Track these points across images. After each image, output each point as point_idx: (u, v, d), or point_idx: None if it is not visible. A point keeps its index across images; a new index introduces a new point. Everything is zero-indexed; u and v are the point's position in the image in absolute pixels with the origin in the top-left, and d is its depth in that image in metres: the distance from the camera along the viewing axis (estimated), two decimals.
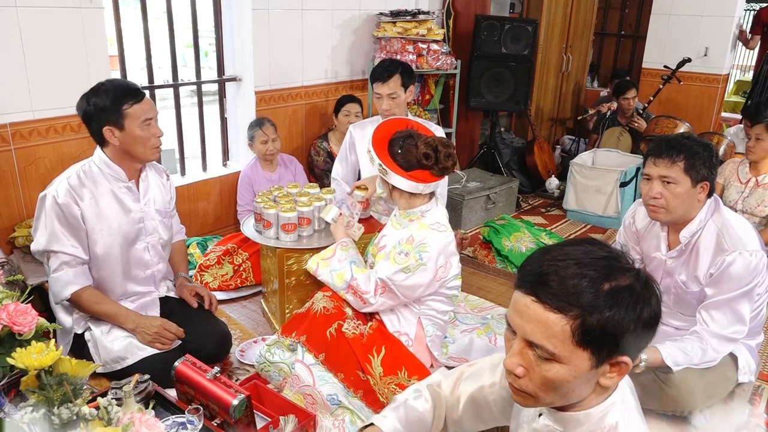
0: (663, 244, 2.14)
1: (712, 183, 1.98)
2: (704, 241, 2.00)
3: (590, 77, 6.20)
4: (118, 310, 2.14)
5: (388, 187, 2.14)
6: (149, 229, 2.23)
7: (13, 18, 2.53)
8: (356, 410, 2.00)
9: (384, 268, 2.07)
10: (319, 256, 2.24)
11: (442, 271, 2.12)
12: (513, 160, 4.99)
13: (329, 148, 3.84)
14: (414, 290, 2.09)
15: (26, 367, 1.22)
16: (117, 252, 2.15)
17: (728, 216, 2.02)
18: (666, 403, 2.05)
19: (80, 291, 2.07)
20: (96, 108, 2.01)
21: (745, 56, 8.28)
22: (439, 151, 2.05)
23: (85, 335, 2.15)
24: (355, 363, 2.00)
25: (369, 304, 2.11)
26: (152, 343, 2.12)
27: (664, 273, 2.16)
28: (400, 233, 2.13)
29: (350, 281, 2.11)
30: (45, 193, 2.04)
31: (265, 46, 3.58)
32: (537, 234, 3.47)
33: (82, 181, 2.07)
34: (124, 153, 2.10)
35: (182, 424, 1.53)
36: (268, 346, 2.17)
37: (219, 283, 2.99)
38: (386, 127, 2.18)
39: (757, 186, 3.29)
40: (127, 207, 2.16)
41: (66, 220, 2.03)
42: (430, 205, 2.14)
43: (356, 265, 2.15)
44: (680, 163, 1.93)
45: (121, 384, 1.51)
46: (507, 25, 4.45)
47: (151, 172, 2.26)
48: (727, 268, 1.92)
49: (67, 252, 2.04)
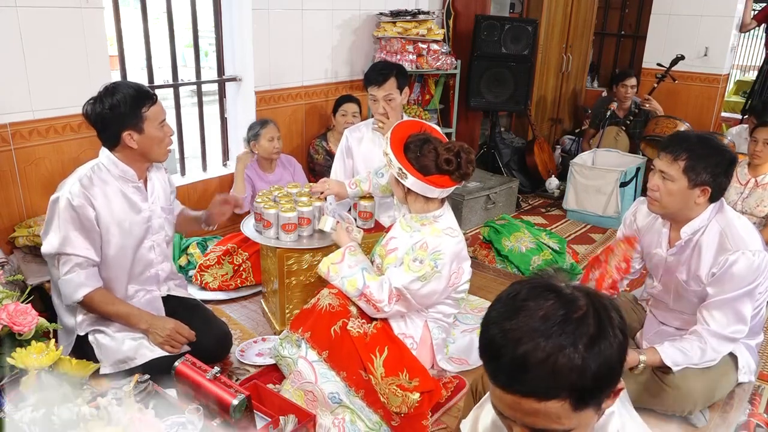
0: (664, 240, 2.14)
1: (716, 189, 1.94)
2: (706, 240, 1.99)
3: (590, 77, 6.20)
4: (130, 311, 2.14)
5: (403, 191, 2.13)
6: (155, 228, 2.23)
7: (13, 18, 2.53)
8: (357, 410, 2.00)
9: (399, 276, 2.07)
10: (329, 260, 2.22)
11: (455, 276, 2.12)
12: (513, 160, 4.99)
13: (328, 147, 3.85)
14: (429, 297, 2.10)
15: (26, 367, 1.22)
16: (128, 252, 2.15)
17: (731, 216, 2.01)
18: (666, 402, 2.05)
19: (92, 293, 2.07)
20: (115, 113, 2.00)
21: (745, 56, 8.28)
22: (461, 157, 2.04)
23: (89, 337, 2.14)
24: (358, 362, 2.01)
25: (383, 312, 2.11)
26: (163, 344, 2.11)
27: (665, 270, 2.16)
28: (411, 238, 2.13)
29: (363, 289, 2.10)
30: (57, 195, 2.02)
31: (265, 46, 3.58)
32: (537, 234, 3.47)
33: (94, 182, 2.07)
34: (139, 155, 2.10)
35: (182, 424, 1.53)
36: (281, 340, 2.20)
37: (219, 283, 2.98)
38: (402, 130, 2.17)
39: (757, 186, 3.29)
40: (137, 207, 2.16)
41: (80, 222, 2.02)
42: (443, 210, 2.14)
43: (367, 272, 2.14)
44: (681, 162, 1.92)
45: (121, 384, 1.51)
46: (507, 25, 4.45)
47: (153, 170, 2.27)
48: (730, 267, 1.91)
49: (79, 254, 2.03)
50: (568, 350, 0.83)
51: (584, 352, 0.84)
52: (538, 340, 0.84)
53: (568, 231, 4.15)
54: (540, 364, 0.83)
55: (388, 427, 1.98)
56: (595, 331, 0.86)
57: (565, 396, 0.85)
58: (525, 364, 0.84)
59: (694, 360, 1.97)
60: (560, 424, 0.87)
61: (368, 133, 2.99)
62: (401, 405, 1.93)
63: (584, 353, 0.84)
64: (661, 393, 2.04)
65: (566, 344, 0.84)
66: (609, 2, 6.42)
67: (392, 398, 1.94)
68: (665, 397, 2.03)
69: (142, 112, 2.03)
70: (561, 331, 0.84)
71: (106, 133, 2.06)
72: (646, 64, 5.43)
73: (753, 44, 8.04)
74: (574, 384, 0.84)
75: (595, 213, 4.25)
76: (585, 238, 4.04)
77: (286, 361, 2.16)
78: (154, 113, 2.05)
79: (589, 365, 0.84)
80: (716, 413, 2.15)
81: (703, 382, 2.02)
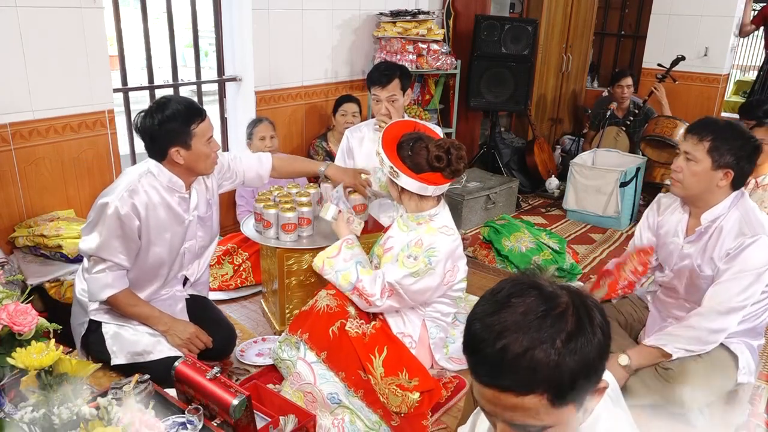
0: (682, 228, 2.14)
1: (739, 174, 1.96)
2: (726, 227, 2.01)
3: (590, 77, 6.20)
4: (151, 313, 2.15)
5: (398, 190, 2.13)
6: (190, 235, 2.24)
7: (13, 18, 2.53)
8: (356, 410, 2.00)
9: (392, 271, 2.07)
10: (324, 254, 2.23)
11: (449, 275, 2.12)
12: (513, 160, 4.99)
13: (328, 148, 3.84)
14: (422, 294, 2.10)
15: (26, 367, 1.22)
16: (164, 260, 2.17)
17: (752, 205, 2.03)
18: (667, 396, 2.04)
19: (117, 294, 2.08)
20: (163, 129, 2.00)
21: (745, 56, 8.28)
22: (451, 153, 2.05)
23: (102, 327, 2.15)
24: (357, 362, 2.01)
25: (375, 306, 2.11)
26: (181, 347, 2.13)
27: (678, 258, 2.16)
28: (407, 236, 2.14)
29: (356, 283, 2.11)
30: (106, 201, 2.00)
31: (265, 46, 3.58)
32: (537, 234, 3.47)
33: (142, 191, 2.06)
34: (185, 169, 2.10)
35: (182, 424, 1.53)
36: (280, 342, 2.20)
37: (219, 283, 2.99)
38: (394, 130, 2.17)
39: (757, 187, 3.28)
40: (181, 218, 2.17)
41: (123, 232, 2.03)
42: (439, 209, 2.15)
43: (362, 266, 2.15)
44: (706, 143, 1.95)
45: (121, 384, 1.51)
46: (507, 25, 4.45)
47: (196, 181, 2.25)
48: (745, 249, 1.93)
49: (114, 261, 2.05)
50: (545, 345, 0.84)
51: (561, 348, 0.85)
52: (516, 334, 0.85)
53: (568, 231, 4.15)
54: (517, 358, 0.84)
55: (387, 427, 1.98)
56: (573, 327, 0.87)
57: (543, 391, 0.85)
58: (503, 358, 0.85)
59: (683, 336, 1.98)
60: (539, 420, 0.88)
61: (369, 133, 2.99)
62: (401, 405, 1.93)
63: (561, 349, 0.85)
64: (662, 387, 2.03)
65: (544, 339, 0.85)
66: (609, 2, 6.41)
67: (392, 398, 1.94)
68: (667, 391, 2.03)
69: (191, 129, 2.02)
70: (539, 326, 0.85)
71: (155, 148, 2.06)
72: (646, 65, 5.43)
73: (753, 44, 8.03)
74: (551, 379, 0.85)
75: (595, 213, 4.25)
76: (585, 238, 4.05)
77: (285, 363, 2.15)
78: (202, 130, 2.05)
79: (565, 361, 0.85)
80: (716, 413, 2.15)
81: (703, 376, 2.01)
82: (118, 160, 3.04)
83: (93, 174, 2.94)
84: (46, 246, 2.58)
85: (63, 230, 2.59)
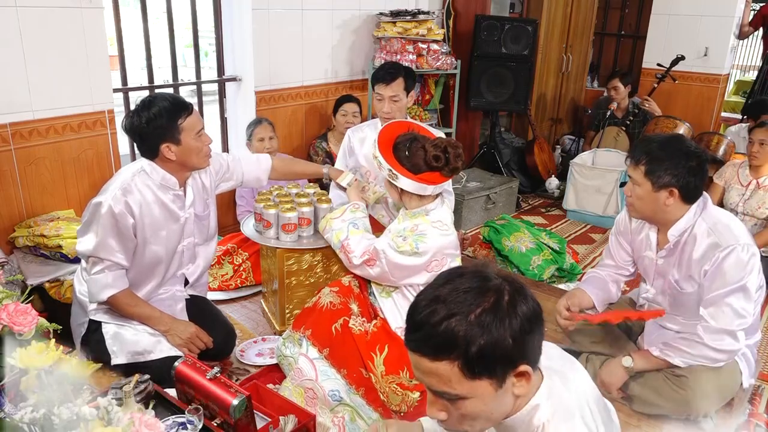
0: (653, 244, 2.14)
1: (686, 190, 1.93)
2: (695, 240, 1.99)
3: (590, 77, 6.20)
4: (152, 313, 2.15)
5: (397, 191, 2.13)
6: (187, 233, 2.24)
7: (13, 18, 2.53)
8: (357, 407, 2.00)
9: (381, 241, 2.14)
10: (330, 215, 2.33)
11: (436, 264, 2.11)
12: (513, 160, 5.00)
13: (328, 149, 3.84)
14: (401, 270, 2.09)
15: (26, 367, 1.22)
16: (161, 258, 2.17)
17: (717, 213, 2.01)
18: (679, 405, 2.03)
19: (117, 294, 2.09)
20: (151, 126, 2.00)
21: (745, 56, 8.28)
22: (449, 152, 2.06)
23: (103, 327, 2.15)
24: (359, 360, 2.01)
25: (353, 265, 2.17)
26: (181, 347, 2.14)
27: (656, 274, 2.16)
28: (403, 224, 2.16)
29: (343, 240, 2.20)
30: (100, 200, 2.02)
31: (265, 46, 3.58)
32: (537, 234, 3.47)
33: (135, 189, 2.07)
34: (179, 165, 2.11)
35: (182, 424, 1.53)
36: (284, 339, 2.20)
37: (219, 283, 2.99)
38: (389, 132, 2.18)
39: (758, 188, 3.29)
40: (176, 215, 2.17)
41: (119, 230, 2.03)
42: (435, 204, 2.15)
43: (354, 227, 2.23)
44: (642, 167, 1.97)
45: (121, 384, 1.51)
46: (507, 25, 4.45)
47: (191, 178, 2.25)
48: (722, 263, 1.91)
49: (112, 260, 2.05)
50: (460, 317, 0.93)
51: (473, 321, 0.93)
52: (441, 305, 0.95)
53: (568, 231, 4.15)
54: (434, 325, 0.94)
55: None
56: (490, 306, 0.94)
57: (453, 359, 0.93)
58: (422, 324, 0.95)
59: (691, 353, 1.97)
60: (452, 388, 0.96)
61: (371, 133, 2.98)
62: (401, 403, 1.93)
63: (473, 322, 0.93)
64: (674, 396, 2.03)
65: (458, 312, 0.94)
66: (609, 2, 6.41)
67: (392, 396, 1.94)
68: (679, 400, 2.02)
69: (179, 124, 2.02)
70: (462, 300, 0.95)
71: (145, 146, 2.07)
72: (646, 65, 5.43)
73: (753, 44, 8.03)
74: (459, 349, 0.93)
75: (595, 213, 4.25)
76: (585, 238, 4.05)
77: (287, 360, 2.16)
78: (190, 124, 2.05)
79: (474, 333, 0.92)
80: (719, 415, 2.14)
81: (715, 384, 2.00)
82: (118, 160, 3.04)
83: (93, 174, 2.94)
84: (46, 246, 2.59)
85: (63, 230, 2.59)
